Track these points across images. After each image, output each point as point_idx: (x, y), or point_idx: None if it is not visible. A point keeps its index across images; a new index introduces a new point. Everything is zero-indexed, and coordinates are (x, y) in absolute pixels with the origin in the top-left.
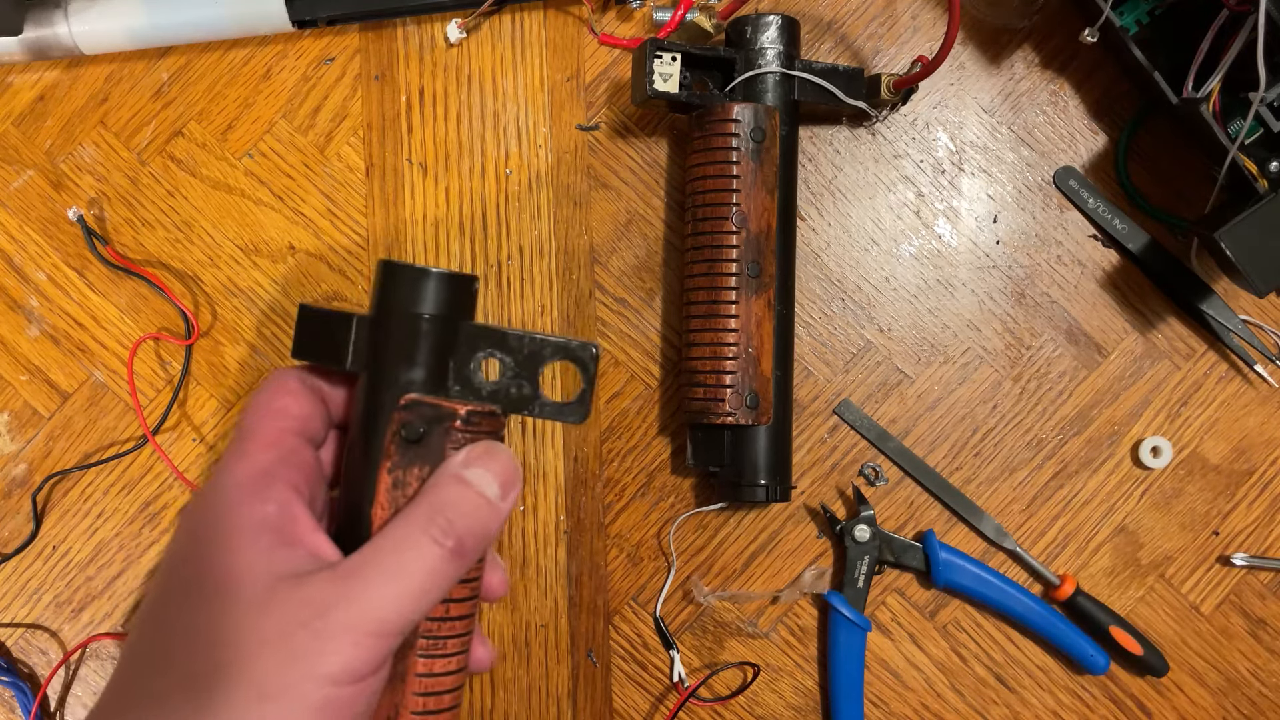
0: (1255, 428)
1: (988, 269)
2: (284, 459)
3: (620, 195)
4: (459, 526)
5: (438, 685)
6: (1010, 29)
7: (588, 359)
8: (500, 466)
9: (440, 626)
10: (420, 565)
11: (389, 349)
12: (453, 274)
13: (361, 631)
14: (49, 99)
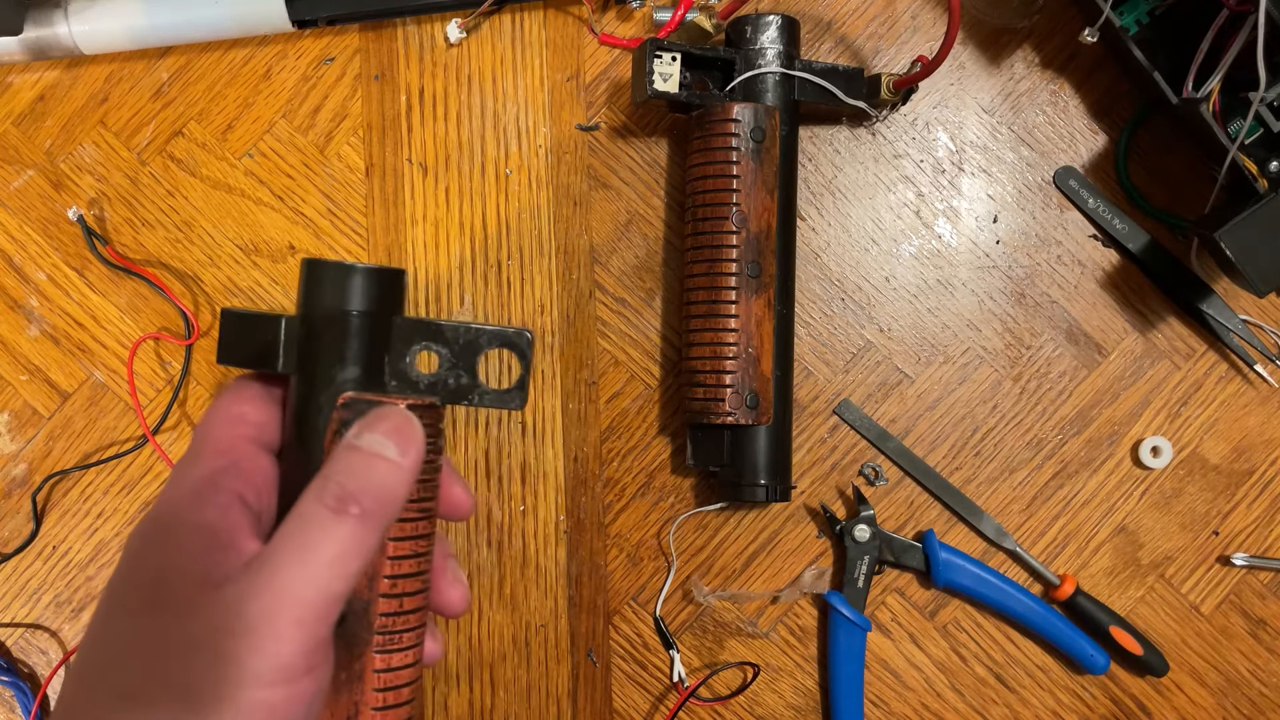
0: (1255, 427)
1: (988, 269)
2: (232, 466)
3: (620, 195)
4: (352, 487)
5: (396, 679)
6: (1010, 29)
7: (524, 345)
8: (389, 425)
9: (395, 621)
10: (322, 538)
11: (321, 348)
12: (379, 268)
13: (283, 621)
14: (49, 99)
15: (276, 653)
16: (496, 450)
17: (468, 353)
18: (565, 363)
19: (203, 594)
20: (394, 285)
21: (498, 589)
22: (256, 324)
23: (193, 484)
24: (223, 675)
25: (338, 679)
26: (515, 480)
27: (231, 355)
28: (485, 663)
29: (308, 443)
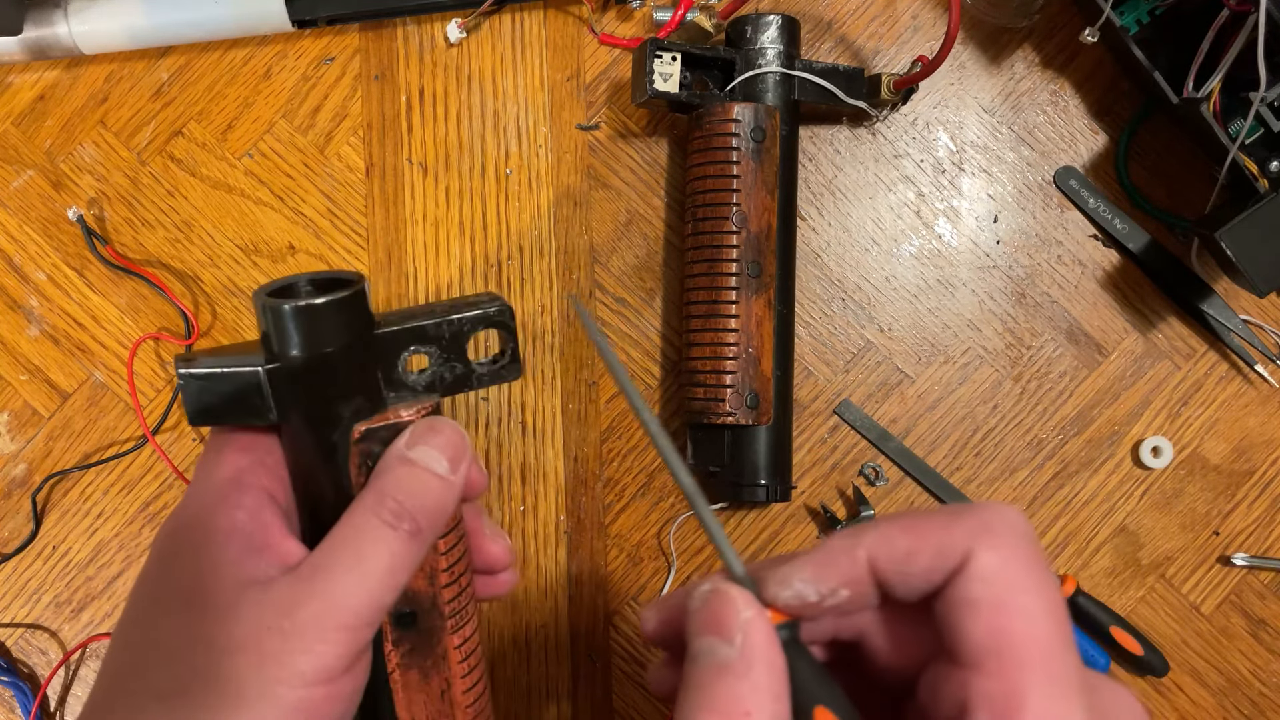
0: (1256, 427)
1: (988, 269)
2: (258, 463)
3: (620, 195)
4: (409, 505)
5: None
6: (1011, 29)
7: (506, 319)
8: (444, 440)
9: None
10: (376, 551)
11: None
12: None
13: (328, 626)
14: (49, 99)
15: (323, 654)
16: (496, 450)
17: (455, 344)
18: (565, 363)
19: (245, 595)
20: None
21: None
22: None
23: (220, 483)
24: (266, 674)
25: (424, 666)
26: (515, 480)
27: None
28: (485, 664)
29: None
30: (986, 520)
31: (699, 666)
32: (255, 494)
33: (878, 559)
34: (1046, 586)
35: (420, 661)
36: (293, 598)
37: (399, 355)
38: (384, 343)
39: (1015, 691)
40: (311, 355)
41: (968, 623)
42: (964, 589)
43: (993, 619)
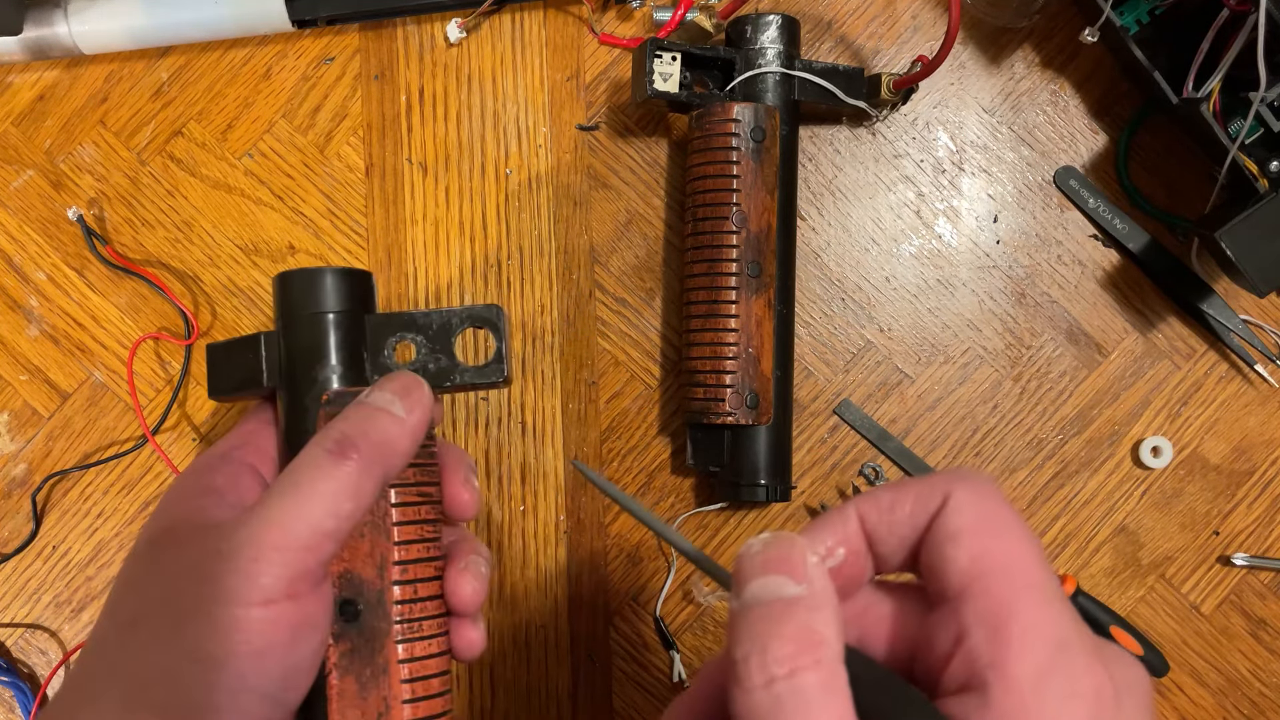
0: (1255, 427)
1: (988, 269)
2: (247, 442)
3: (620, 195)
4: (351, 434)
5: (423, 669)
6: (1011, 29)
7: (495, 319)
8: (397, 384)
9: (412, 609)
10: (316, 476)
11: (301, 353)
12: (345, 269)
13: (264, 545)
14: (49, 99)
15: (255, 573)
16: (496, 450)
17: (442, 335)
18: (565, 363)
19: (202, 532)
20: (361, 284)
21: (498, 589)
22: (238, 348)
23: (210, 457)
24: (205, 594)
25: (362, 675)
26: (515, 480)
27: (220, 387)
28: (485, 663)
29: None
30: (960, 471)
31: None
32: (238, 464)
33: (866, 515)
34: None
35: (359, 669)
36: (235, 524)
37: (387, 340)
38: (375, 325)
39: (1005, 603)
40: (303, 316)
41: (951, 552)
42: (945, 524)
43: (975, 543)
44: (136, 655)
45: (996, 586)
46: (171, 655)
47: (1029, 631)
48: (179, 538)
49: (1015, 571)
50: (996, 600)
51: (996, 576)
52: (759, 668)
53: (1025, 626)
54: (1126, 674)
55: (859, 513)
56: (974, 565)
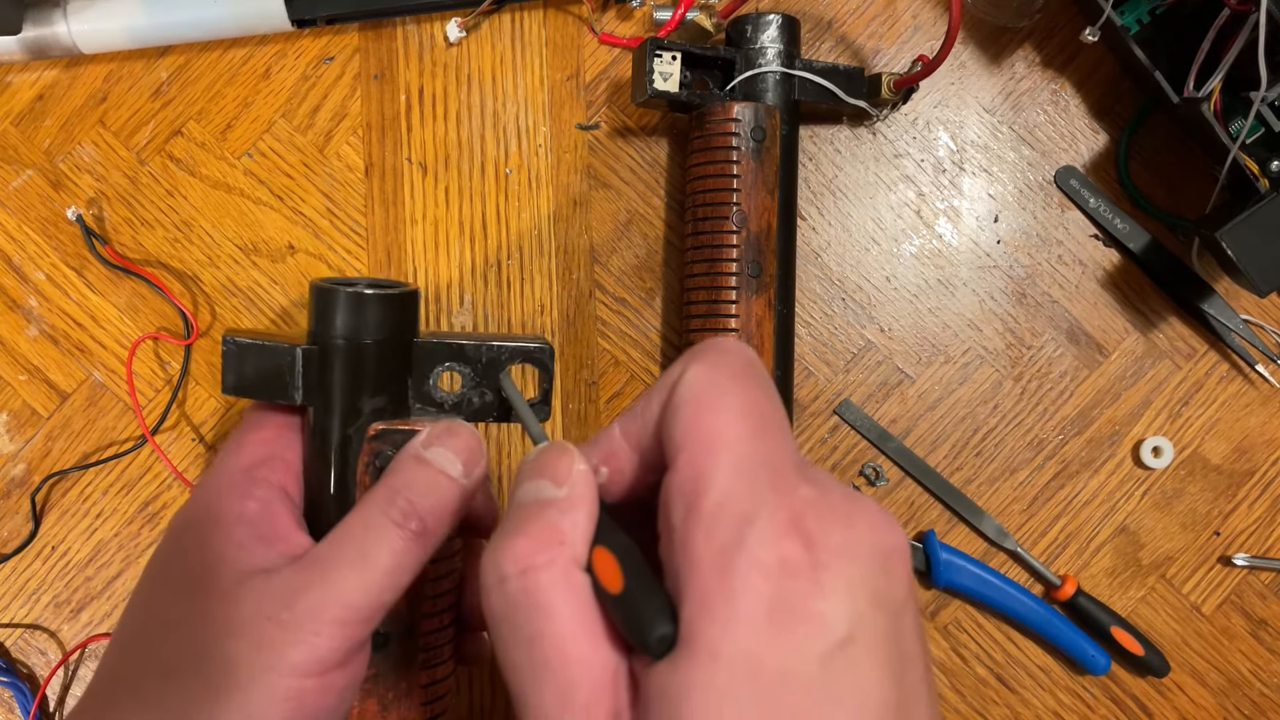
0: (1256, 428)
1: (988, 268)
2: (275, 458)
3: (620, 195)
4: (420, 506)
5: (440, 690)
6: (1011, 28)
7: (545, 359)
8: (461, 443)
9: (436, 638)
10: (383, 549)
11: (344, 381)
12: (396, 295)
13: (326, 619)
14: (48, 98)
15: (316, 646)
16: (496, 450)
17: (490, 370)
18: (565, 363)
19: (248, 581)
20: (410, 308)
21: None
22: (266, 354)
23: (236, 473)
24: (262, 661)
25: (385, 698)
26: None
27: (240, 386)
28: (485, 664)
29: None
30: (696, 349)
31: (523, 502)
32: (268, 486)
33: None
34: (749, 391)
35: (382, 692)
36: (293, 588)
37: (433, 369)
38: (421, 352)
39: (701, 475)
40: (349, 343)
41: (670, 427)
42: (672, 400)
43: (688, 416)
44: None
45: (699, 458)
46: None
47: (719, 506)
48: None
49: (721, 445)
50: (696, 471)
51: (701, 448)
52: (492, 566)
53: (715, 500)
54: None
55: (620, 428)
56: (683, 437)
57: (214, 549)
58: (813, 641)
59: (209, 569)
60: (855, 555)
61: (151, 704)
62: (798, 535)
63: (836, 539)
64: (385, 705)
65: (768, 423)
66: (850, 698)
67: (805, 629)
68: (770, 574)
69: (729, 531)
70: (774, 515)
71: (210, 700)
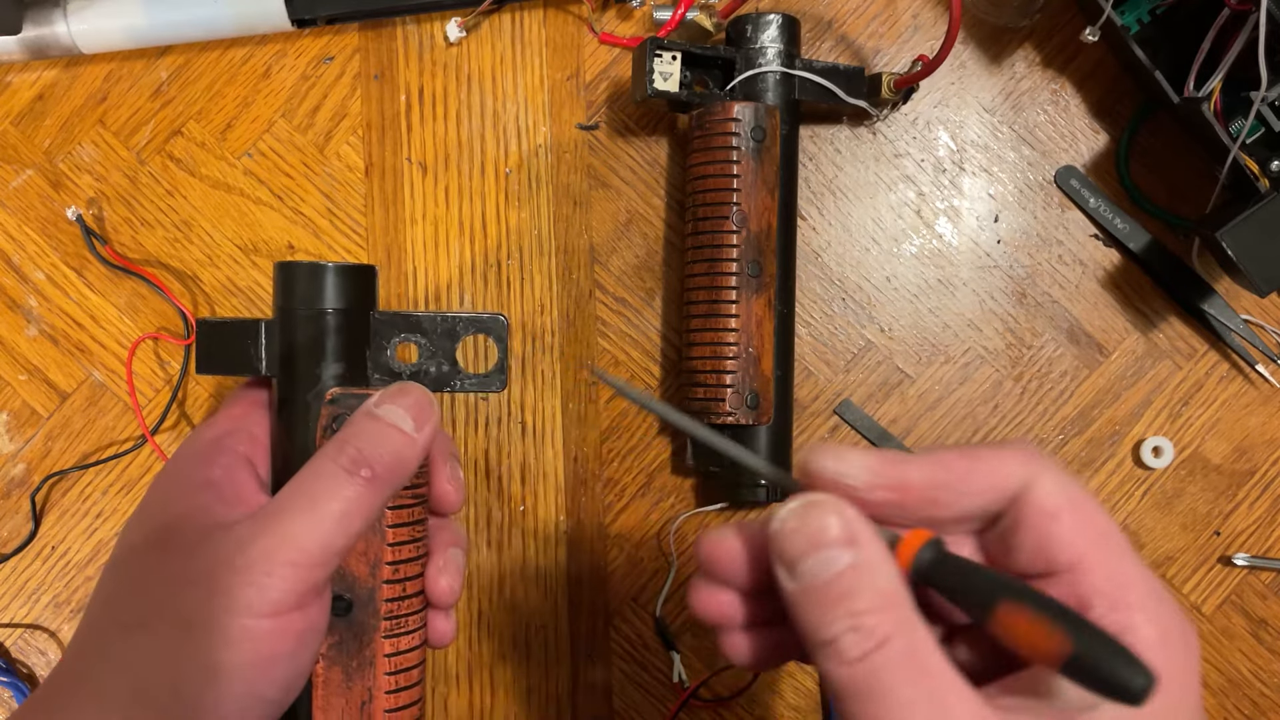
0: (1257, 428)
1: (989, 268)
2: (242, 430)
3: (620, 195)
4: (368, 453)
5: (405, 661)
6: (1011, 28)
7: (499, 329)
8: (411, 400)
9: (399, 605)
10: (329, 492)
11: (303, 348)
12: (350, 265)
13: (277, 561)
14: (48, 98)
15: (267, 587)
16: (496, 450)
17: (446, 340)
18: (565, 363)
19: (209, 536)
20: (367, 281)
21: (497, 590)
22: (234, 330)
23: (204, 443)
24: (217, 605)
25: (348, 666)
26: (515, 480)
27: (211, 364)
28: (485, 664)
29: (298, 439)
30: (1031, 451)
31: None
32: (232, 454)
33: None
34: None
35: (345, 660)
36: (248, 535)
37: (390, 340)
38: (379, 324)
39: (1123, 574)
40: (306, 312)
41: (1054, 529)
42: (1039, 503)
43: (1080, 520)
44: (143, 658)
45: (1113, 560)
46: (180, 661)
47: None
48: (185, 539)
49: (1123, 546)
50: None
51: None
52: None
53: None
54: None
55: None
56: (1082, 540)
57: (178, 511)
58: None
59: (173, 530)
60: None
61: (117, 658)
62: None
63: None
64: (349, 673)
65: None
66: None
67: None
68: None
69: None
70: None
71: (172, 649)
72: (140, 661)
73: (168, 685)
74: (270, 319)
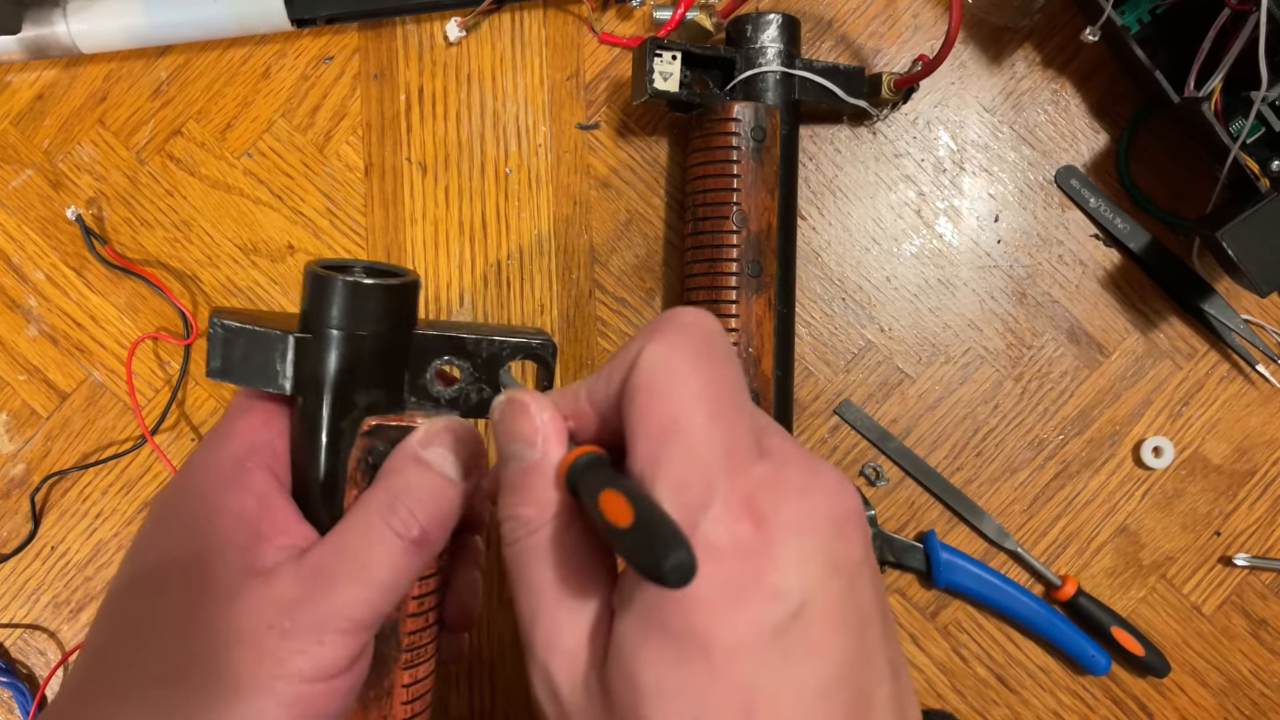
0: (1257, 428)
1: (989, 268)
2: (266, 446)
3: (620, 194)
4: (420, 516)
5: (421, 689)
6: (1011, 28)
7: (547, 355)
8: (459, 443)
9: (420, 637)
10: (384, 561)
11: (338, 373)
12: (397, 285)
13: (329, 630)
14: (48, 98)
15: (320, 655)
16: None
17: (489, 366)
18: (565, 363)
19: (248, 584)
20: (411, 298)
21: (497, 589)
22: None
23: (228, 462)
24: (265, 669)
25: (366, 696)
26: None
27: (227, 372)
28: (485, 664)
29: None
30: (657, 323)
31: (510, 466)
32: (264, 477)
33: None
34: (705, 370)
35: (363, 691)
36: (294, 598)
37: (430, 362)
38: (419, 345)
39: (656, 464)
40: (344, 334)
41: (627, 409)
42: (629, 381)
43: (643, 404)
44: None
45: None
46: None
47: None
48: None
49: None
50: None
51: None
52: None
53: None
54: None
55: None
56: (639, 423)
57: (212, 544)
58: (765, 615)
59: (205, 566)
60: (807, 526)
61: (139, 707)
62: (749, 516)
63: (788, 513)
64: (366, 704)
65: (722, 404)
66: (804, 661)
67: (757, 604)
68: (723, 557)
69: (683, 519)
70: (727, 499)
71: (211, 706)
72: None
73: None
74: (301, 335)
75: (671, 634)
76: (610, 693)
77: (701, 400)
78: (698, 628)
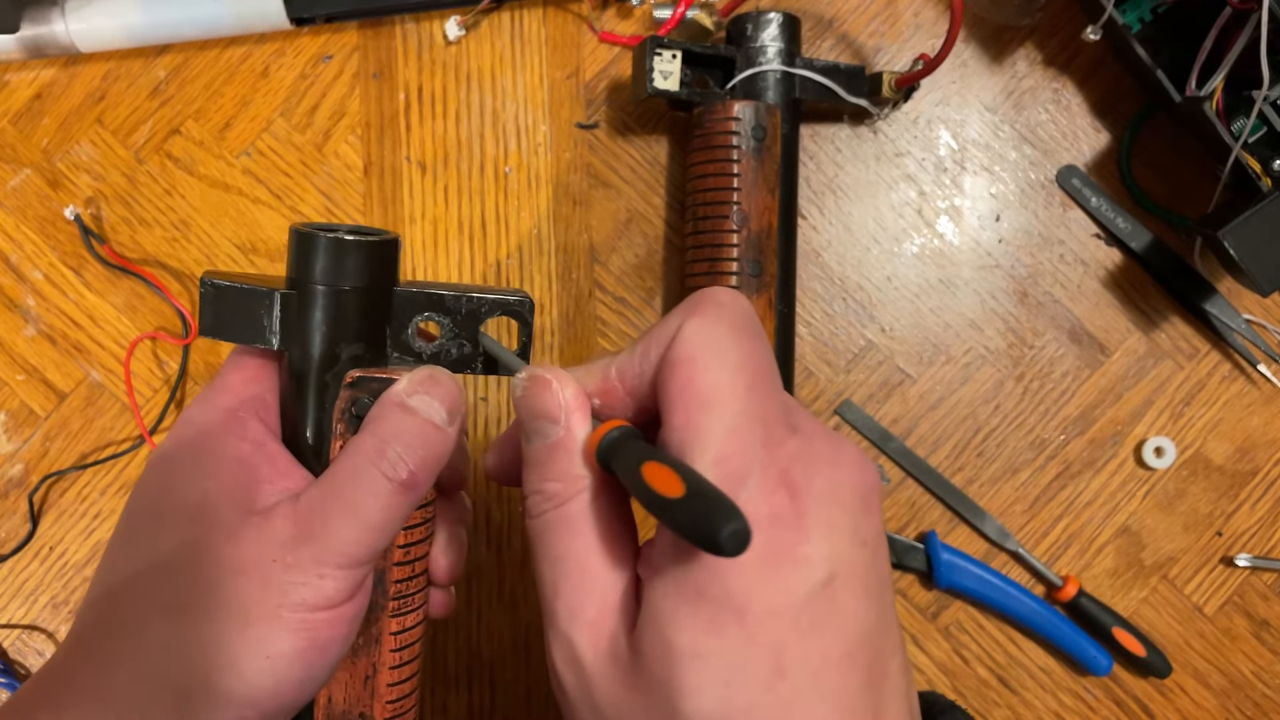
0: (1259, 428)
1: (990, 268)
2: (259, 399)
3: (620, 194)
4: (409, 459)
5: (409, 638)
6: (1013, 27)
7: (525, 312)
8: (443, 391)
9: (408, 585)
10: (375, 503)
11: (322, 326)
12: (377, 241)
13: (328, 565)
14: (46, 97)
15: (322, 586)
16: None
17: (469, 322)
18: (565, 362)
19: (248, 521)
20: (391, 255)
21: (497, 590)
22: (244, 297)
23: (223, 412)
24: (270, 598)
25: (355, 643)
26: None
27: (217, 329)
28: (484, 664)
29: (314, 419)
30: (694, 300)
31: (535, 444)
32: (258, 429)
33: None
34: (744, 345)
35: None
36: (291, 536)
37: (412, 318)
38: (400, 301)
39: (698, 434)
40: (328, 289)
41: (666, 381)
42: (669, 356)
43: (684, 374)
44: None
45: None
46: (238, 646)
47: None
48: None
49: (715, 400)
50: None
51: (695, 403)
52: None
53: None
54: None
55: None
56: (679, 394)
57: (213, 485)
58: (798, 582)
59: (207, 507)
60: (836, 498)
61: (153, 639)
62: (785, 487)
63: (820, 485)
64: (355, 649)
65: (760, 378)
66: (833, 625)
67: (791, 572)
68: (761, 526)
69: (725, 489)
70: (765, 471)
71: (221, 634)
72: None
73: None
74: (285, 291)
75: (707, 599)
76: (641, 657)
77: (741, 372)
78: (734, 594)
